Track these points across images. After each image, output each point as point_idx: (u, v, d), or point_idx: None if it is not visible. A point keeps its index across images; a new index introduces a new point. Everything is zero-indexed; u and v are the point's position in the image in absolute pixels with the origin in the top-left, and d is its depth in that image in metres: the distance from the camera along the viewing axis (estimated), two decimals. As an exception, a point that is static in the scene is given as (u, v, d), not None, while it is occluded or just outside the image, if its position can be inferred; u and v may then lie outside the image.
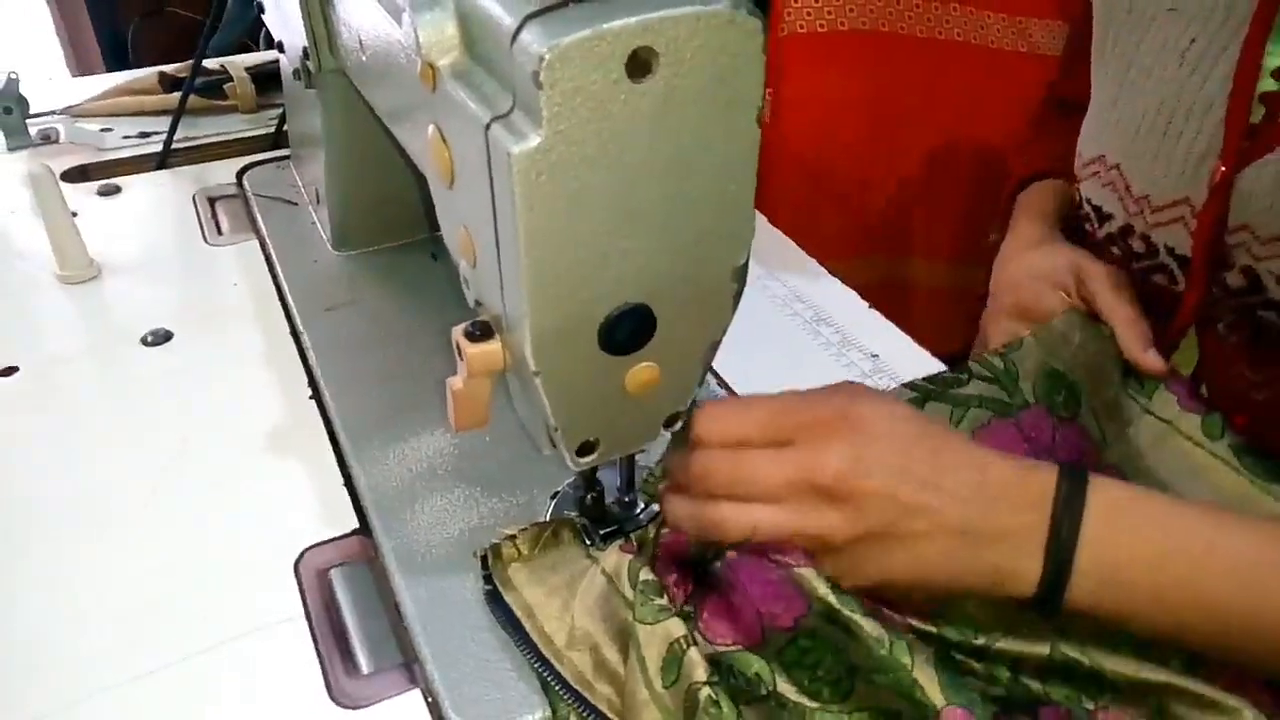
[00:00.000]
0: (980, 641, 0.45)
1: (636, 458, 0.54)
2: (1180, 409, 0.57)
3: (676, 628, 0.44)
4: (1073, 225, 0.69)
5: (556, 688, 0.46)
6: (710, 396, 0.65)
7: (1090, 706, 0.45)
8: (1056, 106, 0.80)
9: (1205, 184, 0.54)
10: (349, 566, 0.54)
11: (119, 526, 0.57)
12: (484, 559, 0.51)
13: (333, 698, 0.47)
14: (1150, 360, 0.58)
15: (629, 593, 0.47)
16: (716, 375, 0.67)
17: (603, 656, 0.47)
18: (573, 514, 0.54)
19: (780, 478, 0.45)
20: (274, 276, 0.80)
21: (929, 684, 0.42)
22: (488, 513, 0.56)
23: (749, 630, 0.46)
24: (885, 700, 0.43)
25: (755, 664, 0.45)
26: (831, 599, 0.44)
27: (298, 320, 0.73)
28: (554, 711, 0.46)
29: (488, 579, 0.51)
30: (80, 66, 2.29)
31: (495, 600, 0.50)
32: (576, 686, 0.46)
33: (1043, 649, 0.45)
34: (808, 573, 0.45)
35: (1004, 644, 0.45)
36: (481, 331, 0.43)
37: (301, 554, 0.54)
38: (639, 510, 0.54)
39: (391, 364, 0.69)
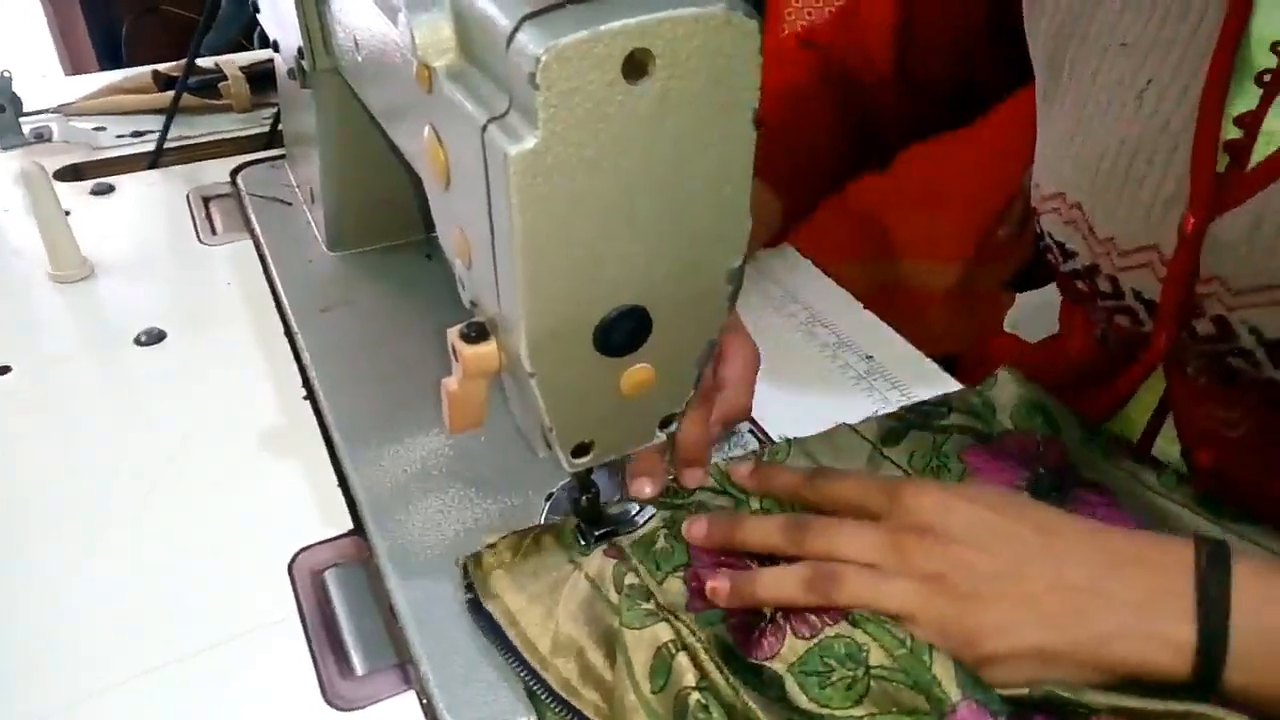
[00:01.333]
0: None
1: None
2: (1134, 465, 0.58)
3: (664, 632, 0.44)
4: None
5: (543, 695, 0.46)
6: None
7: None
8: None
9: (1173, 232, 0.53)
10: (343, 568, 0.54)
11: (112, 527, 0.56)
12: (464, 567, 0.50)
13: (327, 699, 0.47)
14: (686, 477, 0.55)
15: (613, 597, 0.47)
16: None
17: (588, 662, 0.46)
18: (567, 516, 0.54)
19: (874, 538, 0.46)
20: (268, 276, 0.79)
21: (946, 678, 0.42)
22: (482, 514, 0.56)
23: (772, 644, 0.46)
24: (905, 700, 0.42)
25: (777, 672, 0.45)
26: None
27: (292, 321, 0.73)
28: (540, 719, 0.46)
29: (468, 587, 0.50)
30: (74, 65, 2.28)
31: (477, 609, 0.49)
32: (562, 694, 0.46)
33: (1021, 689, 0.43)
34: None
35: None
36: (477, 333, 0.43)
37: (295, 555, 0.54)
38: (634, 513, 0.54)
39: (386, 365, 0.68)
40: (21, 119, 1.01)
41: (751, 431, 0.63)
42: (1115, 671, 0.42)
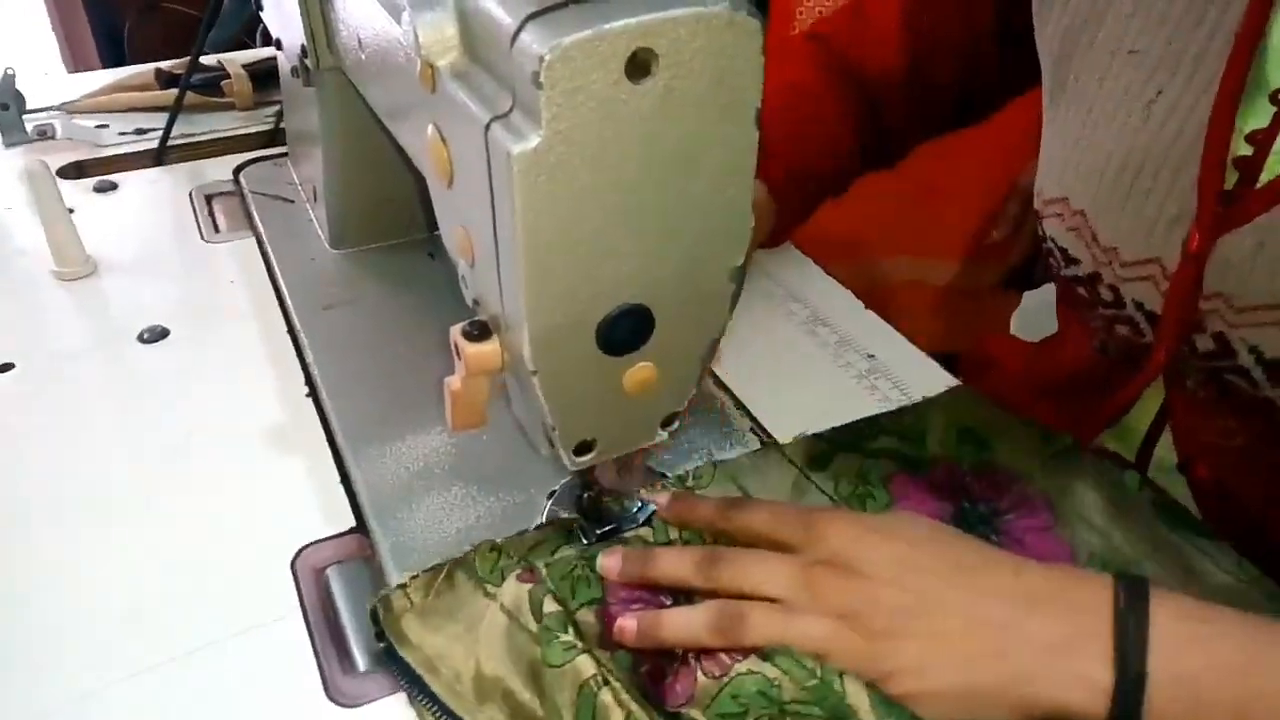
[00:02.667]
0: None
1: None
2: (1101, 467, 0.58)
3: (586, 666, 0.43)
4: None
5: None
6: (706, 397, 0.65)
7: None
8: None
9: (1177, 247, 0.52)
10: (346, 565, 0.54)
11: (115, 524, 0.56)
12: (373, 613, 0.48)
13: (329, 695, 0.47)
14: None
15: (532, 626, 0.46)
16: (714, 376, 0.67)
17: (518, 702, 0.45)
18: (569, 513, 0.55)
19: (786, 573, 0.45)
20: (271, 274, 0.80)
21: (861, 706, 0.41)
22: (484, 512, 0.56)
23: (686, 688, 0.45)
24: None
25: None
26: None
27: (295, 318, 0.73)
28: None
29: (379, 635, 0.48)
30: (76, 62, 2.29)
31: (392, 656, 0.47)
32: None
33: None
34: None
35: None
36: (480, 331, 0.43)
37: (298, 552, 0.54)
38: (636, 509, 0.54)
39: (389, 362, 0.69)
40: (25, 116, 1.01)
41: (753, 430, 0.63)
42: (1032, 712, 0.41)
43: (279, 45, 0.75)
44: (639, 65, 0.34)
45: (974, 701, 0.42)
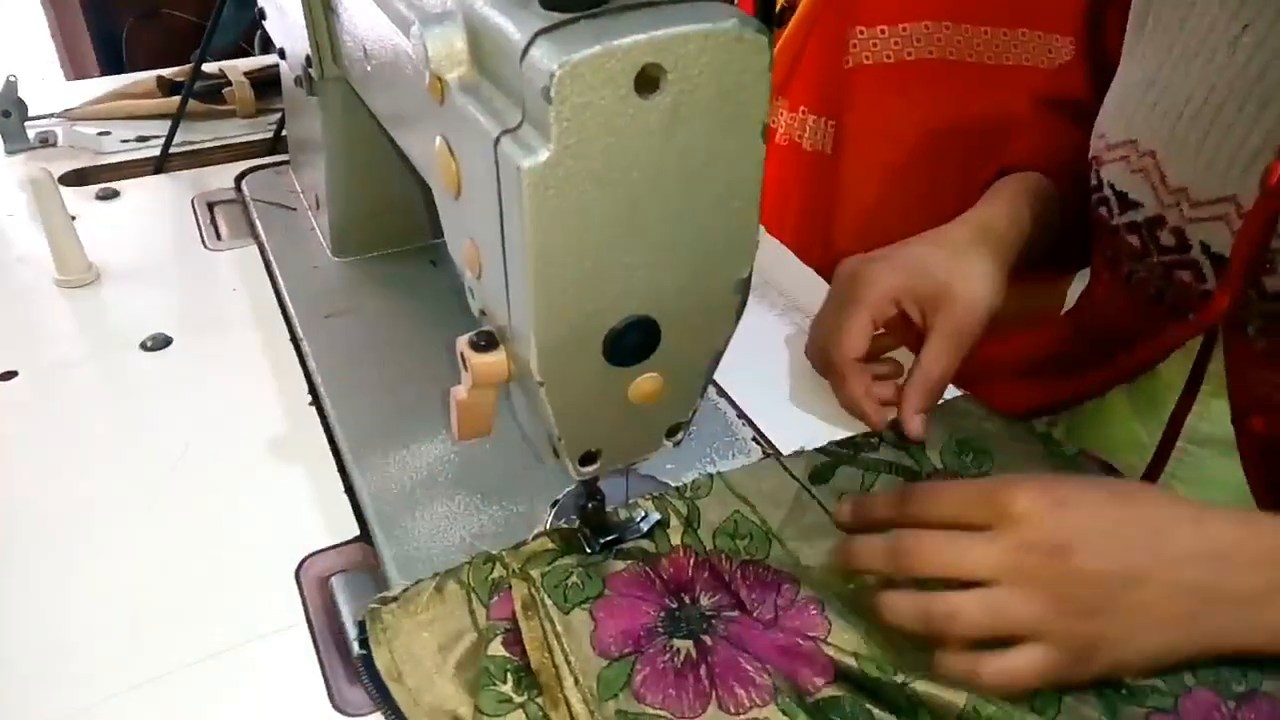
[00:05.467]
0: (899, 679, 0.44)
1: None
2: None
3: None
4: (1079, 208, 0.68)
5: None
6: (711, 407, 0.66)
7: None
8: (1046, 105, 0.79)
9: (1254, 184, 0.53)
10: (350, 574, 0.54)
11: (118, 532, 0.57)
12: (361, 623, 0.49)
13: (334, 704, 0.47)
14: (913, 426, 0.59)
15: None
16: (716, 385, 0.67)
17: None
18: (572, 522, 0.55)
19: (993, 558, 0.44)
20: (273, 282, 0.80)
21: None
22: (488, 521, 0.57)
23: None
24: None
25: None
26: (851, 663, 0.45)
27: (297, 326, 0.73)
28: None
29: (363, 643, 0.48)
30: (75, 69, 2.29)
31: (366, 664, 0.47)
32: None
33: (958, 699, 0.43)
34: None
35: (920, 685, 0.44)
36: (486, 342, 0.43)
37: (302, 561, 0.54)
38: (640, 518, 0.54)
39: (392, 370, 0.69)
40: (26, 123, 1.01)
41: (755, 440, 0.63)
42: (1221, 654, 0.44)
43: (282, 54, 0.75)
44: (648, 81, 0.34)
45: (1172, 659, 0.44)
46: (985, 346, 0.62)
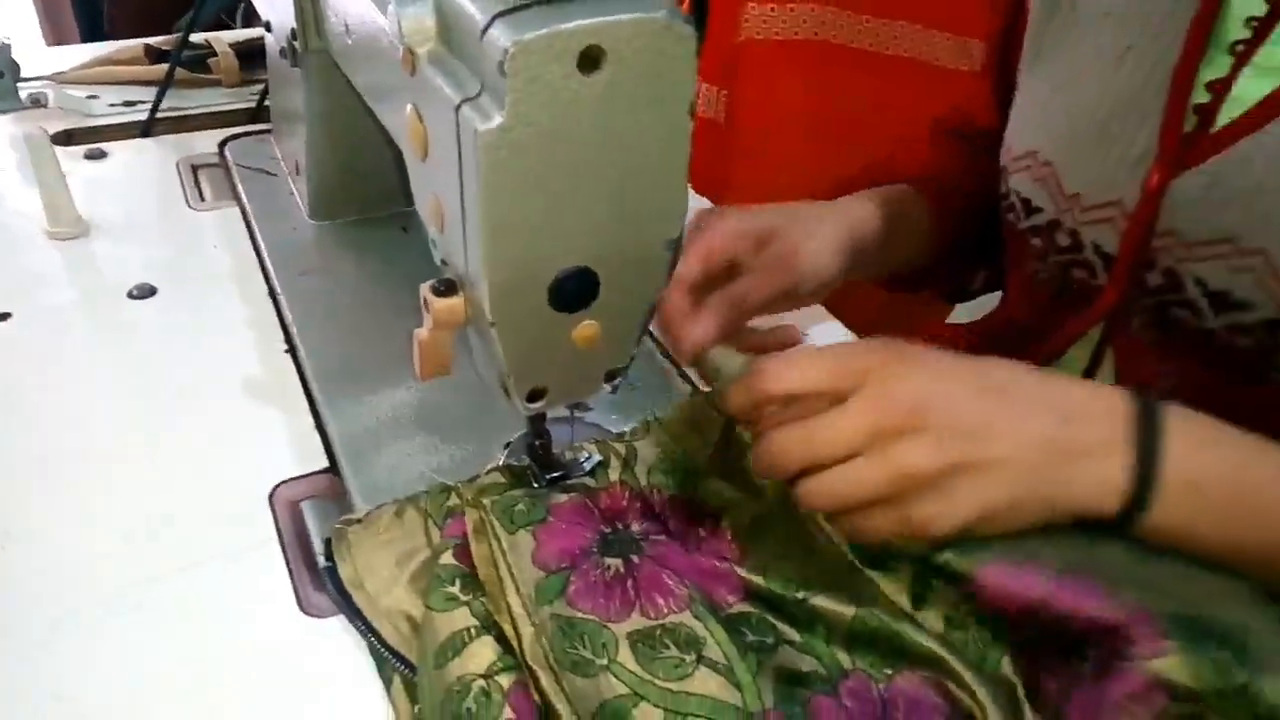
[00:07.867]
0: (800, 595, 0.50)
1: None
2: None
3: (462, 618, 0.48)
4: (987, 213, 0.73)
5: (381, 651, 0.50)
6: (647, 357, 0.71)
7: (889, 672, 0.47)
8: (947, 132, 0.84)
9: (1138, 188, 0.58)
10: (319, 500, 0.59)
11: (108, 463, 0.62)
12: (328, 541, 0.54)
13: (302, 609, 0.53)
14: (687, 330, 0.57)
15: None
16: (659, 345, 0.73)
17: (414, 625, 0.50)
18: (523, 461, 0.60)
19: (854, 427, 0.45)
20: (253, 241, 0.85)
21: (760, 689, 0.46)
22: (445, 458, 0.62)
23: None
24: (714, 691, 0.46)
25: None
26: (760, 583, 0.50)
27: (275, 282, 0.79)
28: (380, 670, 0.50)
29: (329, 557, 0.53)
30: (55, 36, 2.30)
31: (330, 575, 0.53)
32: (398, 649, 0.50)
33: (847, 611, 0.48)
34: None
35: (818, 600, 0.49)
36: (446, 287, 0.49)
37: (275, 488, 0.60)
38: (584, 459, 0.60)
39: (361, 324, 0.74)
40: (18, 84, 1.05)
41: (694, 396, 0.69)
42: (1054, 515, 0.45)
43: (268, 27, 0.80)
44: (590, 60, 0.40)
45: (1016, 513, 0.45)
46: (906, 337, 0.67)
